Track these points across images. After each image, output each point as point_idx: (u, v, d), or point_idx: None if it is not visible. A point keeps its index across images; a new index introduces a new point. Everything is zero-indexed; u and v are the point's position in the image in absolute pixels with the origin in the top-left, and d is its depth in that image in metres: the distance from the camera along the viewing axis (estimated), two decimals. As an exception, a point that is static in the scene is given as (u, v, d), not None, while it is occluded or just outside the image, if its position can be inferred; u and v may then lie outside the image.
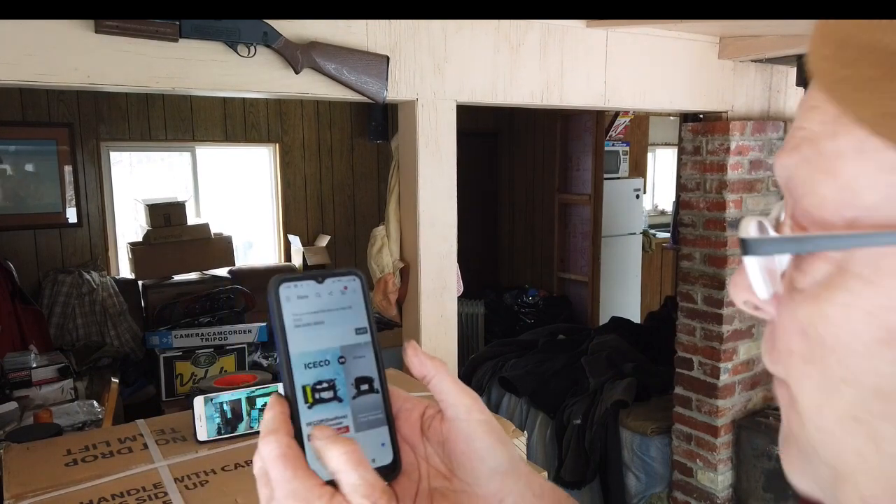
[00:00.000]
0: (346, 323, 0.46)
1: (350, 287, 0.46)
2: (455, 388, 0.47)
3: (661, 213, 7.53)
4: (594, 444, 3.29)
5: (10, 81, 1.49)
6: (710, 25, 2.42)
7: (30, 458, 1.40)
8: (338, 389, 0.45)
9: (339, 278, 0.46)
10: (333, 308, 0.46)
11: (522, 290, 5.82)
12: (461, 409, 0.46)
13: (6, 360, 2.75)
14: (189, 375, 3.61)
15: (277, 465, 0.40)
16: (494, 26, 2.11)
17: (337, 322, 0.46)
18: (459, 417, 0.46)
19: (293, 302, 0.44)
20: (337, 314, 0.46)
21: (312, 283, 0.45)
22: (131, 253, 4.63)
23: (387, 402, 0.46)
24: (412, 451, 0.47)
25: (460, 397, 0.46)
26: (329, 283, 0.46)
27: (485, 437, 0.45)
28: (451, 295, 2.19)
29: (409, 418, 0.48)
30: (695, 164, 2.81)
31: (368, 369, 0.46)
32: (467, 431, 0.45)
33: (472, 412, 0.46)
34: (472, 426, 0.45)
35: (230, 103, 5.08)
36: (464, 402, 0.46)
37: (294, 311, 0.44)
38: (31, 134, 4.46)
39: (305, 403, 0.43)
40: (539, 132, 5.93)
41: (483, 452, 0.45)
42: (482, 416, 0.46)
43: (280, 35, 1.70)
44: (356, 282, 0.47)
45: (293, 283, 0.45)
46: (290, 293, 0.44)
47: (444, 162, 2.10)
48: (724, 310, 2.77)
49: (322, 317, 0.45)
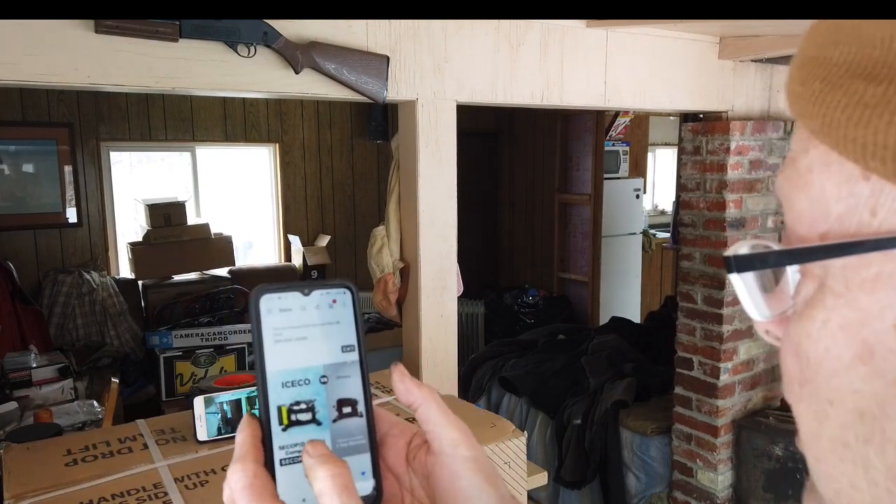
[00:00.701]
0: (333, 339, 0.43)
1: (339, 300, 0.43)
2: (443, 420, 0.43)
3: (661, 213, 7.53)
4: (594, 444, 3.29)
5: (10, 81, 1.49)
6: (710, 25, 2.42)
7: (30, 458, 1.40)
8: (317, 411, 0.41)
9: (327, 290, 0.43)
10: (319, 323, 0.42)
11: (522, 290, 5.82)
12: (447, 442, 0.43)
13: (6, 360, 2.75)
14: (189, 375, 3.62)
15: (244, 494, 0.38)
16: (494, 26, 2.11)
17: (322, 338, 0.42)
18: (445, 452, 0.43)
19: (275, 315, 0.41)
20: (323, 329, 0.42)
21: (298, 296, 0.42)
22: (131, 253, 4.63)
23: (371, 427, 0.43)
24: (396, 482, 0.44)
25: (447, 430, 0.43)
26: (316, 296, 0.42)
27: (471, 477, 0.42)
28: (451, 295, 2.19)
29: (394, 445, 0.45)
30: (695, 164, 2.81)
31: (353, 390, 0.43)
32: (452, 468, 0.42)
33: (458, 447, 0.43)
34: (458, 463, 0.42)
35: (230, 103, 5.08)
36: (450, 436, 0.43)
37: (275, 325, 0.41)
38: (31, 134, 4.46)
39: (280, 425, 0.40)
40: (539, 132, 5.93)
41: (468, 492, 0.42)
42: (469, 452, 0.43)
43: (280, 35, 1.70)
44: (346, 295, 0.43)
45: (276, 294, 0.42)
46: (273, 305, 0.41)
47: (444, 162, 2.10)
48: (724, 310, 2.77)
49: (306, 332, 0.42)
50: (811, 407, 0.31)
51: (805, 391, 0.31)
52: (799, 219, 0.31)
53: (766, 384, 2.97)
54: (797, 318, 0.32)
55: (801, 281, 0.32)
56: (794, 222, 0.32)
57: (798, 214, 0.31)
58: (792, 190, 0.32)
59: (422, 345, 2.14)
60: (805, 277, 0.31)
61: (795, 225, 0.32)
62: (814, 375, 0.30)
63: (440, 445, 0.43)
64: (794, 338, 0.32)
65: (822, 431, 0.31)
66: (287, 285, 0.42)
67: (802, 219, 0.31)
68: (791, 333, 0.32)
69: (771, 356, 2.96)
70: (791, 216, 0.32)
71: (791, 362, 0.32)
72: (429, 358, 2.16)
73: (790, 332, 0.32)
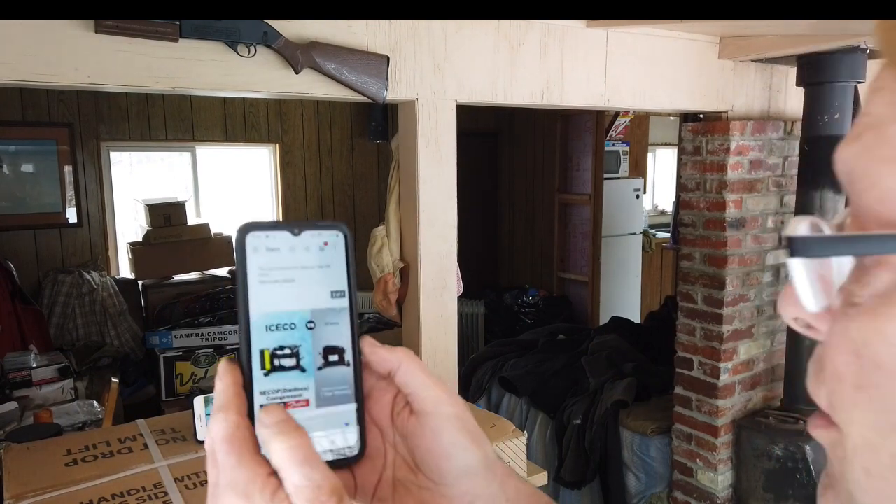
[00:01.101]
0: (322, 284, 0.40)
1: (331, 243, 0.41)
2: (422, 380, 0.42)
3: (661, 213, 7.53)
4: (594, 444, 3.29)
5: (10, 81, 1.49)
6: (711, 25, 2.42)
7: (30, 458, 1.40)
8: (302, 357, 0.39)
9: (319, 231, 0.41)
10: (308, 265, 0.40)
11: (522, 290, 5.82)
12: (429, 402, 0.41)
13: (6, 360, 2.75)
14: (189, 375, 3.62)
15: (223, 447, 0.36)
16: (494, 26, 2.11)
17: (310, 281, 0.40)
18: (427, 411, 0.41)
19: (261, 254, 0.39)
20: (312, 272, 0.40)
21: (287, 235, 0.40)
22: (131, 253, 4.63)
23: (358, 378, 0.41)
24: (380, 435, 0.43)
25: (429, 390, 0.41)
26: (307, 237, 0.40)
27: (454, 434, 0.41)
28: (451, 295, 2.19)
29: (381, 399, 0.43)
30: (695, 164, 2.81)
31: (341, 338, 0.41)
32: (434, 426, 0.41)
33: (440, 405, 0.41)
34: (441, 421, 0.41)
35: (230, 103, 5.08)
36: (432, 395, 0.41)
37: (261, 265, 0.39)
38: (31, 134, 4.46)
39: (262, 370, 0.38)
40: (539, 132, 5.93)
41: (451, 450, 0.41)
42: (452, 409, 0.41)
43: (280, 35, 1.70)
44: (339, 237, 0.41)
45: (264, 231, 0.39)
46: (259, 243, 0.39)
47: (444, 162, 2.10)
48: (724, 310, 2.77)
49: (294, 274, 0.40)
50: (871, 416, 0.27)
51: (863, 396, 0.27)
52: (885, 197, 0.26)
53: (766, 384, 2.97)
54: (865, 314, 0.27)
55: (874, 272, 0.27)
56: (874, 203, 0.27)
57: (883, 192, 0.26)
58: (875, 163, 0.27)
59: (422, 345, 2.14)
60: (881, 268, 0.27)
61: (877, 206, 0.27)
62: (883, 381, 0.26)
63: (422, 406, 0.41)
64: (854, 335, 0.28)
65: (885, 445, 0.27)
66: (276, 223, 0.40)
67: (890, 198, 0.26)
68: (850, 330, 0.28)
69: (771, 356, 2.96)
70: (871, 196, 0.27)
71: (844, 361, 0.28)
72: (429, 358, 2.16)
73: (849, 328, 0.28)
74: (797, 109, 2.83)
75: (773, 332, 2.95)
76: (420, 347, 2.14)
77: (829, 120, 2.53)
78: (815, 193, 2.59)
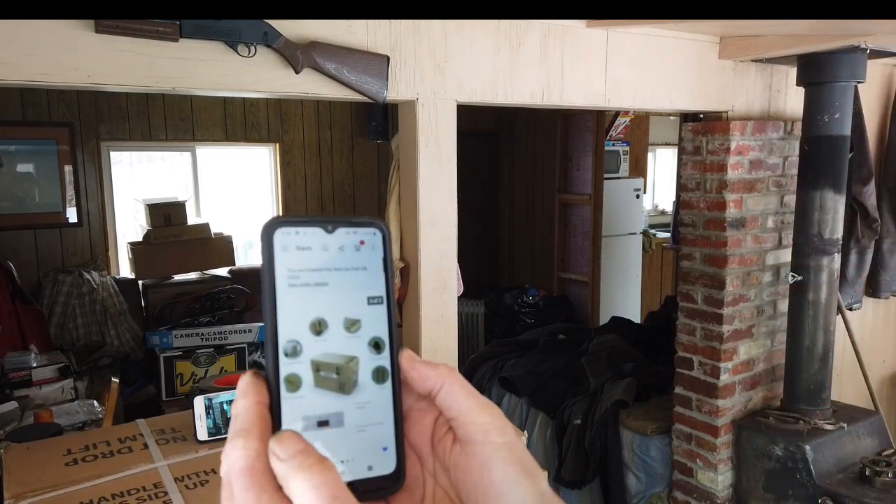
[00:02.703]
0: (358, 288, 0.36)
1: (368, 242, 0.37)
2: (469, 404, 0.37)
3: (661, 213, 7.53)
4: (594, 444, 3.29)
5: (10, 81, 1.49)
6: (711, 25, 2.42)
7: (30, 458, 1.40)
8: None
9: (354, 229, 0.36)
10: (343, 267, 0.36)
11: (522, 290, 5.81)
12: (475, 429, 0.36)
13: (6, 360, 2.75)
14: (189, 375, 3.62)
15: (241, 479, 0.31)
16: (494, 26, 2.11)
17: (345, 285, 0.36)
18: (473, 440, 0.36)
19: (291, 253, 0.35)
20: (346, 275, 0.36)
21: (320, 232, 0.36)
22: (131, 253, 4.63)
23: (397, 396, 0.37)
24: (419, 463, 0.38)
25: (475, 415, 0.36)
26: (341, 235, 0.36)
27: (505, 468, 0.35)
28: (451, 295, 2.19)
29: (420, 420, 0.38)
30: (695, 164, 2.81)
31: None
32: (482, 458, 0.36)
33: (489, 433, 0.36)
34: (490, 452, 0.36)
35: (230, 103, 5.08)
36: (479, 421, 0.36)
37: (291, 266, 0.35)
38: (31, 134, 4.46)
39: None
40: (539, 132, 5.93)
41: (502, 487, 0.35)
42: (502, 438, 0.36)
43: (280, 35, 1.70)
44: (377, 237, 0.37)
45: (294, 227, 0.35)
46: (289, 241, 0.35)
47: (444, 162, 2.10)
48: (724, 310, 2.77)
49: (327, 276, 0.36)
50: None
51: None
52: None
53: (766, 384, 2.97)
54: None
55: None
56: None
57: None
58: None
59: (422, 345, 2.15)
60: None
61: None
62: None
63: (467, 433, 0.36)
64: None
65: None
66: (308, 219, 0.36)
67: None
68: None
69: (771, 356, 2.96)
70: None
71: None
72: (429, 358, 2.15)
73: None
74: (797, 109, 2.83)
75: (773, 332, 2.95)
76: (420, 347, 2.14)
77: (829, 120, 2.53)
78: (816, 193, 2.59)
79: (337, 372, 0.35)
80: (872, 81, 3.10)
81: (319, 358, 0.35)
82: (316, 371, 0.35)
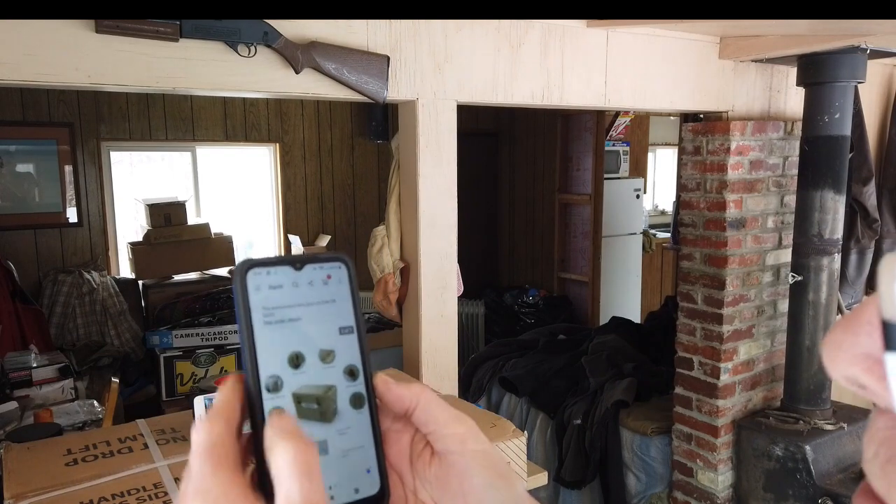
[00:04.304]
0: (329, 320, 0.38)
1: (335, 276, 0.39)
2: (443, 417, 0.39)
3: (661, 213, 7.53)
4: (594, 444, 3.29)
5: (11, 81, 1.49)
6: (711, 25, 2.42)
7: (30, 457, 1.40)
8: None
9: (320, 265, 0.38)
10: (313, 302, 0.38)
11: (522, 290, 5.82)
12: (452, 440, 0.38)
13: (6, 360, 2.75)
14: (189, 375, 3.62)
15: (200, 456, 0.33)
16: (494, 26, 2.11)
17: (317, 319, 0.38)
18: (451, 450, 0.38)
19: (263, 292, 0.37)
20: (317, 309, 0.38)
21: (289, 270, 0.37)
22: (131, 253, 4.63)
23: (374, 419, 0.38)
24: (400, 482, 0.40)
25: (450, 427, 0.38)
26: (309, 271, 0.38)
27: (482, 474, 0.38)
28: (451, 295, 2.19)
29: (397, 441, 0.40)
30: (695, 164, 2.81)
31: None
32: (461, 466, 0.38)
33: (465, 443, 0.38)
34: (468, 459, 0.38)
35: (230, 103, 5.08)
36: (455, 433, 0.38)
37: (265, 304, 0.37)
38: (31, 134, 4.46)
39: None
40: (539, 132, 5.93)
41: (480, 492, 0.37)
42: (479, 446, 0.38)
43: (280, 35, 1.70)
44: (342, 270, 0.39)
45: (265, 268, 0.37)
46: (261, 281, 0.37)
47: (444, 162, 2.10)
48: (724, 310, 2.77)
49: (299, 312, 0.37)
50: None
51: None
52: None
53: (766, 384, 2.97)
54: None
55: None
56: None
57: None
58: None
59: (422, 345, 2.15)
60: None
61: None
62: None
63: (445, 444, 0.38)
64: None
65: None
66: (276, 258, 0.38)
67: None
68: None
69: (771, 356, 2.96)
70: None
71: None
72: (429, 358, 2.16)
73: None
74: (797, 109, 2.83)
75: (773, 332, 2.95)
76: (420, 347, 2.14)
77: (829, 120, 2.53)
78: (816, 193, 2.59)
79: (317, 402, 0.37)
80: (872, 81, 3.09)
81: (300, 390, 0.37)
82: (298, 403, 0.37)
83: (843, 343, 0.25)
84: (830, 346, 0.25)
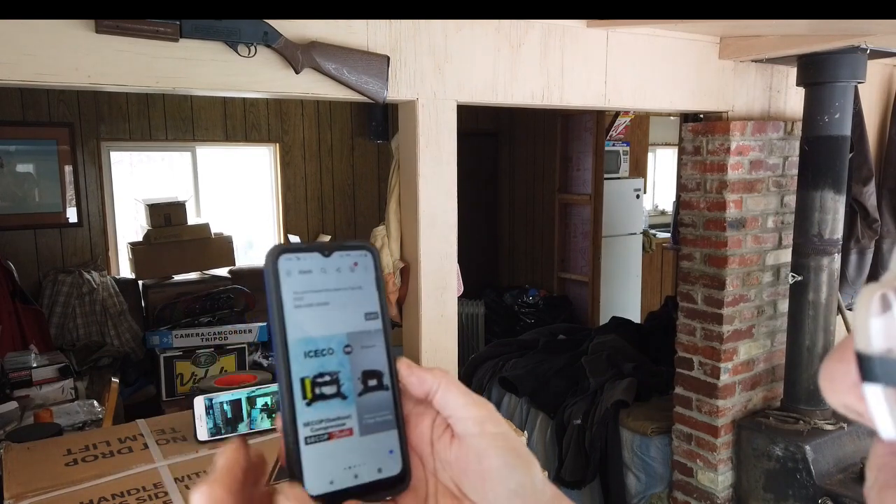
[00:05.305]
0: (355, 305, 0.39)
1: (361, 264, 0.40)
2: (463, 400, 0.40)
3: (661, 213, 7.53)
4: (594, 444, 3.29)
5: (10, 81, 1.49)
6: (711, 25, 2.42)
7: (30, 458, 1.40)
8: (342, 384, 0.38)
9: (348, 252, 0.40)
10: (341, 287, 0.39)
11: (522, 290, 5.81)
12: (471, 423, 0.39)
13: (6, 360, 2.75)
14: (189, 375, 3.61)
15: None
16: (494, 26, 2.11)
17: (344, 304, 0.39)
18: (470, 433, 0.39)
19: (294, 277, 0.38)
20: (344, 294, 0.39)
21: (318, 257, 0.39)
22: (131, 253, 4.63)
23: (397, 402, 0.40)
24: (420, 464, 0.41)
25: (469, 410, 0.40)
26: (337, 258, 0.39)
27: (500, 455, 0.39)
28: (451, 295, 2.19)
29: (418, 424, 0.41)
30: (695, 164, 2.81)
31: (378, 362, 0.40)
32: (479, 448, 0.39)
33: (484, 424, 0.39)
34: (486, 442, 0.39)
35: (230, 103, 5.08)
36: (474, 415, 0.40)
37: (295, 289, 0.38)
38: (31, 134, 4.46)
39: (304, 399, 0.37)
40: (539, 132, 5.93)
41: (499, 472, 0.39)
42: (497, 428, 0.40)
43: (280, 35, 1.70)
44: (368, 258, 0.40)
45: (295, 254, 0.38)
46: (292, 266, 0.38)
47: (444, 162, 2.10)
48: (725, 310, 2.77)
49: (327, 297, 0.39)
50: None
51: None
52: None
53: (766, 384, 2.97)
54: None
55: None
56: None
57: None
58: None
59: (422, 345, 2.15)
60: None
61: None
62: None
63: (465, 427, 0.39)
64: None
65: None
66: (305, 245, 0.39)
67: None
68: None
69: (771, 356, 2.96)
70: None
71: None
72: (429, 358, 2.16)
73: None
74: (797, 109, 2.83)
75: (773, 332, 2.95)
76: (420, 347, 2.14)
77: (829, 120, 2.53)
78: (816, 194, 2.59)
79: (343, 384, 0.39)
80: (872, 81, 3.09)
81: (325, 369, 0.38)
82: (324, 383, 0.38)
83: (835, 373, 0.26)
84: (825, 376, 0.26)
